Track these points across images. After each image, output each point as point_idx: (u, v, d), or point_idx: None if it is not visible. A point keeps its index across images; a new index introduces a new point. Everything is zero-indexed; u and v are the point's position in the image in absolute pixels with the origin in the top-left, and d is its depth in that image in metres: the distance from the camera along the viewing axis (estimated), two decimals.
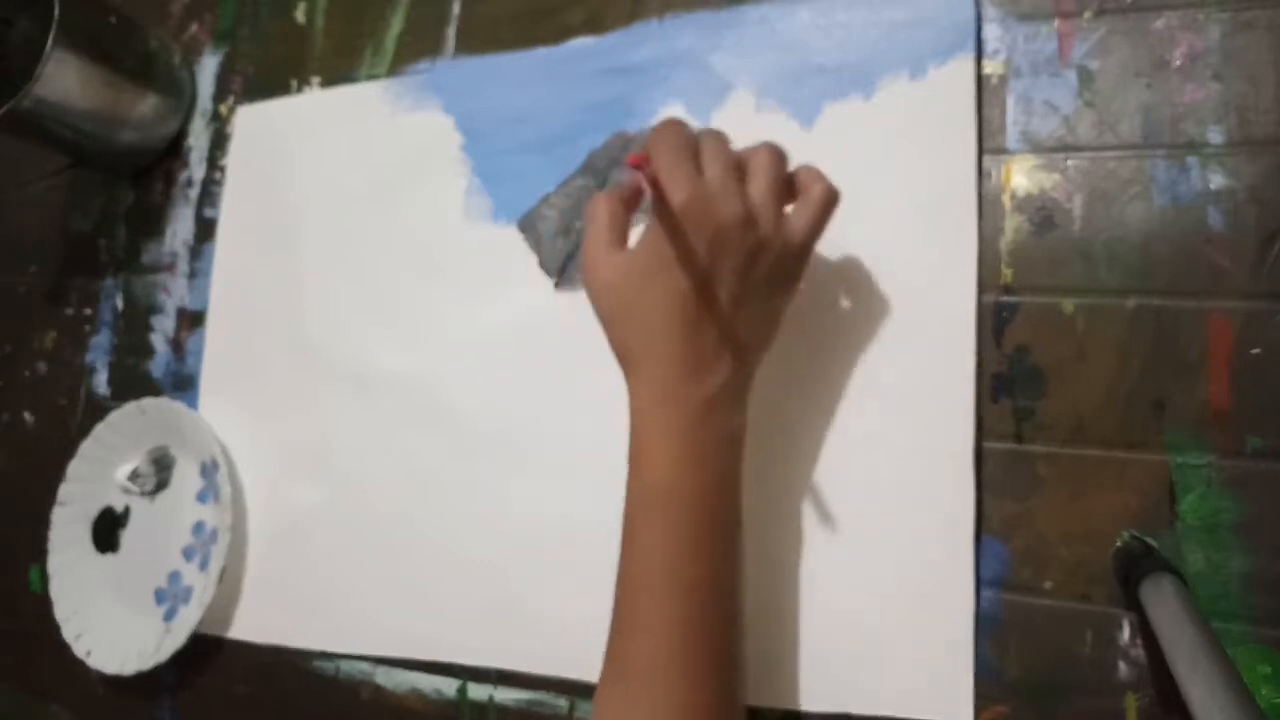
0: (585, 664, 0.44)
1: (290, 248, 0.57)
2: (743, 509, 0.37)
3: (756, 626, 0.41)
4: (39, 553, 0.59)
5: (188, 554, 0.56)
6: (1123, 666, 0.36)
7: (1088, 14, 0.40)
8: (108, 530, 0.59)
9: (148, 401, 0.57)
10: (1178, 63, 0.39)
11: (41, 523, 0.59)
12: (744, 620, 0.37)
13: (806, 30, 0.45)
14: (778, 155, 0.37)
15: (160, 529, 0.57)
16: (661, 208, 0.34)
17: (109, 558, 0.59)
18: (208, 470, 0.56)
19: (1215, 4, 0.38)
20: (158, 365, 0.61)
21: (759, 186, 0.35)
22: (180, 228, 0.62)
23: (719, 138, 0.36)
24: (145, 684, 0.54)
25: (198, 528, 0.56)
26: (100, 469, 0.59)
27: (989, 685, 0.37)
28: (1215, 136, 0.38)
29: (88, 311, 0.65)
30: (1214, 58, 0.38)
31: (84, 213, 0.67)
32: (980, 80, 0.41)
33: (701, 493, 0.35)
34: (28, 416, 0.66)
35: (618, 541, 0.44)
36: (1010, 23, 0.42)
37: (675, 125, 0.36)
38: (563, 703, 0.45)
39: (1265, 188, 0.36)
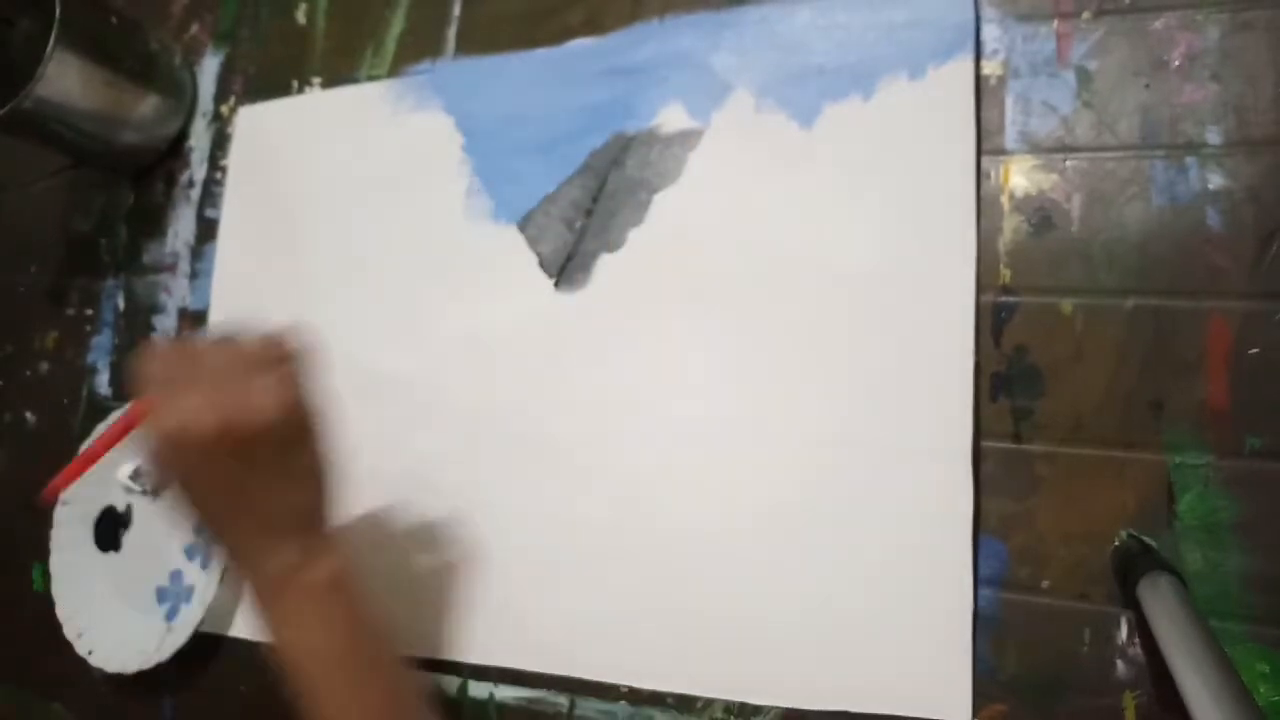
0: (585, 662, 0.44)
1: (291, 248, 0.57)
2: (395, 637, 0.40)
3: (757, 624, 0.41)
4: (41, 552, 0.59)
5: (189, 553, 0.56)
6: (1121, 665, 0.36)
7: (1086, 14, 0.40)
8: (110, 529, 0.59)
9: None
10: (1176, 63, 0.39)
11: (43, 522, 0.59)
12: None
13: (806, 31, 0.45)
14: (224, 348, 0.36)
15: (162, 528, 0.57)
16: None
17: (111, 557, 0.59)
18: None
19: (1214, 4, 0.38)
20: None
21: (200, 390, 0.35)
22: (181, 228, 0.62)
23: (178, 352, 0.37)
24: (147, 683, 0.55)
25: (200, 527, 0.56)
26: (102, 468, 0.59)
27: (987, 684, 0.37)
28: (1214, 137, 0.38)
29: (89, 312, 0.65)
30: (1212, 58, 0.38)
31: (85, 213, 0.67)
32: (979, 81, 0.41)
33: (290, 641, 0.39)
34: (29, 416, 0.66)
35: (616, 539, 0.45)
36: (1009, 23, 0.42)
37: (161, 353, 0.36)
38: (563, 700, 0.45)
39: (1263, 188, 0.37)
